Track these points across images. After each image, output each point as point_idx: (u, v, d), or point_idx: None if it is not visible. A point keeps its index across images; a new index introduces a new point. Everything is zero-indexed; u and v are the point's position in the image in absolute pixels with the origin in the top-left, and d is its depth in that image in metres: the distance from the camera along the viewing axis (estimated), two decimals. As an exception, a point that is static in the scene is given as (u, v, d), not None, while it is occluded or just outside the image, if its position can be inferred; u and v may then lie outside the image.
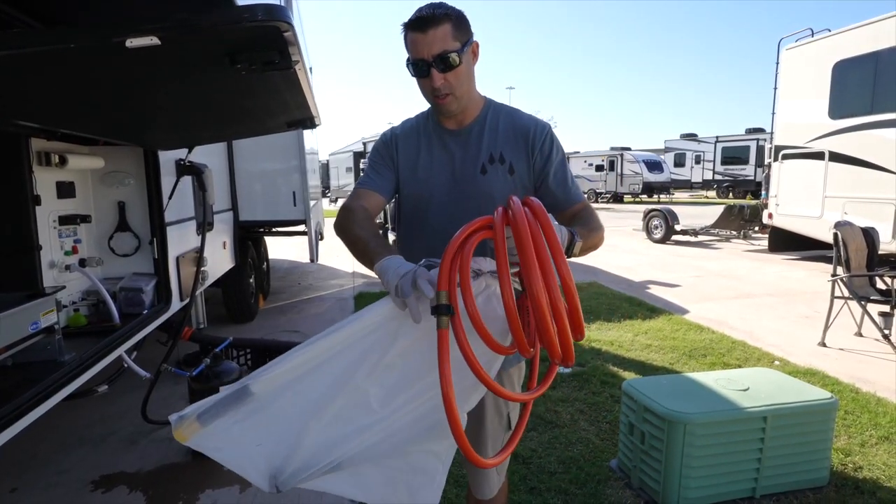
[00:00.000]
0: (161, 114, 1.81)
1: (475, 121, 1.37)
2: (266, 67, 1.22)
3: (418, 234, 1.41)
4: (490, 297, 1.04)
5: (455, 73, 1.24)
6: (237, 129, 2.74)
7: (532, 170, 1.36)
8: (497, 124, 1.37)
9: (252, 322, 5.22)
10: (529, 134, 1.36)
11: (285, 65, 1.22)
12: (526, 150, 1.36)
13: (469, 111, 1.36)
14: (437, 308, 0.94)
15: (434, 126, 1.40)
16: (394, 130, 1.47)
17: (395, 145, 1.43)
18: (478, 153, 1.35)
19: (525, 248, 0.88)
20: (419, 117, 1.46)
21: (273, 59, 1.17)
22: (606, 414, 3.01)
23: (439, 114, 1.35)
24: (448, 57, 1.21)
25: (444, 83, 1.24)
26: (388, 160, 1.42)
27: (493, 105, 1.40)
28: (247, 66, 1.19)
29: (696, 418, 2.08)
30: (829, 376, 3.51)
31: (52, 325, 1.92)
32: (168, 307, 2.74)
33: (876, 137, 6.57)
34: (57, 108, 1.52)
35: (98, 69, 1.15)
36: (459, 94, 1.28)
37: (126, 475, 2.52)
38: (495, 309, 1.02)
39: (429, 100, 1.31)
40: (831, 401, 2.25)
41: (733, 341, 4.31)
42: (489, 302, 1.03)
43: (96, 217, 2.66)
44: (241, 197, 4.81)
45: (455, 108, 1.31)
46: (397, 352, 1.02)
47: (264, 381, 1.00)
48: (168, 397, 3.35)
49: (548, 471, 2.45)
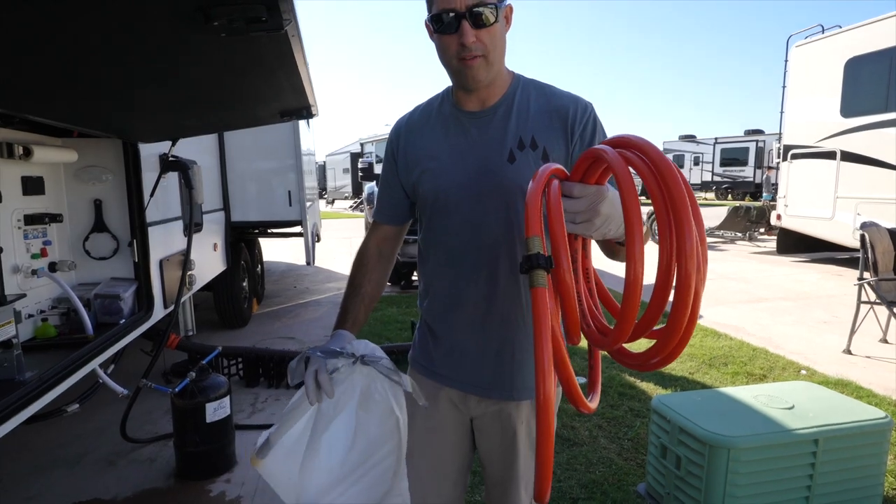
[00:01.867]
0: (134, 94, 1.56)
1: (501, 100, 1.13)
2: (251, 27, 0.99)
3: (439, 239, 1.18)
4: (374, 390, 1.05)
5: (489, 32, 1.01)
6: (225, 119, 2.49)
7: (571, 156, 1.12)
8: (528, 103, 1.13)
9: (245, 328, 4.97)
10: (569, 114, 1.11)
11: (275, 24, 0.98)
12: (564, 134, 1.11)
13: (495, 87, 1.13)
14: (530, 259, 0.78)
15: (451, 109, 1.17)
16: (398, 123, 1.25)
17: (399, 145, 1.22)
18: (504, 138, 1.11)
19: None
20: (432, 101, 1.23)
21: (258, 13, 0.94)
22: (627, 430, 2.78)
23: (462, 84, 1.10)
24: (483, 12, 0.99)
25: (475, 42, 1.01)
26: (393, 173, 1.24)
27: (522, 81, 1.16)
28: (226, 24, 0.95)
29: (741, 442, 1.85)
30: (863, 388, 3.29)
31: (10, 338, 1.67)
32: (150, 315, 2.49)
33: (890, 136, 6.38)
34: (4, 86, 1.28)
35: (38, 25, 0.91)
36: (492, 59, 1.04)
37: (101, 502, 2.28)
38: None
39: (452, 63, 1.06)
40: (886, 421, 2.02)
41: (754, 349, 4.08)
42: None
43: (69, 216, 2.41)
44: (233, 196, 4.55)
45: (483, 77, 1.06)
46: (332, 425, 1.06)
47: (274, 438, 1.07)
48: (152, 411, 3.10)
49: (570, 497, 2.22)
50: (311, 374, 0.99)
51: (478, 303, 1.13)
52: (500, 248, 1.10)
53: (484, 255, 1.12)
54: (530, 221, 0.80)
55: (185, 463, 2.46)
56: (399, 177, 1.23)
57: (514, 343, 1.13)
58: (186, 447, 2.43)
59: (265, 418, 3.03)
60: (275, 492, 1.09)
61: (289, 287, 7.04)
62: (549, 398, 0.75)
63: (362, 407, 1.04)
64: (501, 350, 1.13)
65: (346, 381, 1.03)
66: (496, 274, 1.11)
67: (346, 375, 1.03)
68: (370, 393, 1.04)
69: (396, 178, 1.23)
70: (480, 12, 0.99)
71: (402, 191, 1.23)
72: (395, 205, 1.26)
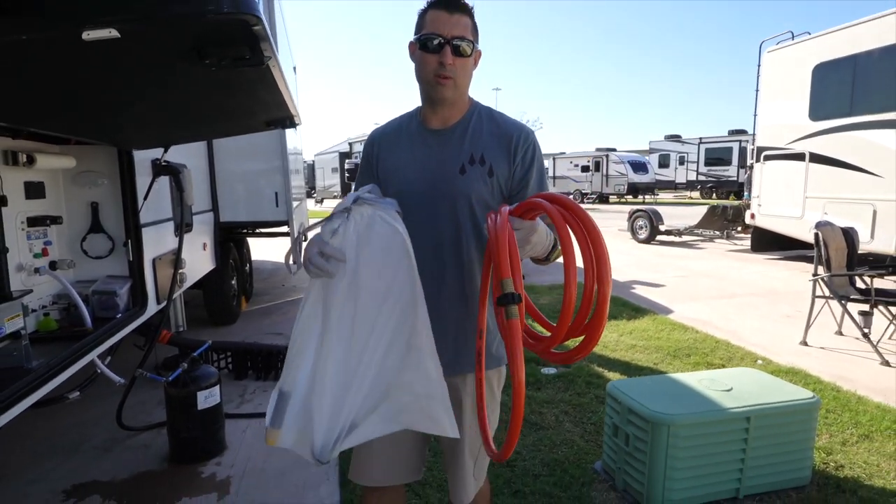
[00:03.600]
0: (132, 112, 1.75)
1: (460, 121, 1.36)
2: (236, 63, 1.18)
3: None
4: (373, 219, 1.12)
5: (463, 62, 1.27)
6: (214, 129, 2.68)
7: (512, 175, 1.35)
8: (481, 126, 1.37)
9: (234, 324, 5.13)
10: (513, 140, 1.35)
11: (257, 60, 1.17)
12: (508, 155, 1.35)
13: (456, 109, 1.36)
14: (505, 298, 0.99)
15: (417, 126, 1.39)
16: (374, 134, 1.47)
17: (375, 152, 1.44)
18: (458, 153, 1.34)
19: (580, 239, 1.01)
20: (404, 118, 1.45)
21: (243, 54, 1.13)
22: (591, 415, 2.99)
23: (431, 99, 1.33)
24: (461, 45, 1.24)
25: (451, 65, 1.25)
26: (369, 174, 1.45)
27: (479, 107, 1.40)
28: (216, 62, 1.14)
29: (679, 419, 2.07)
30: (811, 375, 3.54)
31: (19, 330, 1.85)
32: (143, 311, 2.67)
33: (855, 139, 6.68)
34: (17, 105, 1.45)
35: (56, 63, 1.10)
36: (459, 83, 1.29)
37: (100, 484, 2.45)
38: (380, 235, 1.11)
39: (428, 79, 1.29)
40: (813, 400, 2.26)
41: (717, 341, 4.33)
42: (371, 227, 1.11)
43: (68, 218, 2.58)
44: (222, 197, 4.72)
45: (451, 95, 1.30)
46: (334, 315, 1.11)
47: (286, 380, 1.14)
48: (146, 402, 3.27)
49: (532, 474, 2.43)
50: (313, 252, 1.09)
51: (431, 292, 1.33)
52: (450, 247, 1.32)
53: (437, 251, 1.32)
54: (502, 265, 1.01)
55: (178, 448, 2.64)
56: (374, 170, 1.43)
57: (458, 327, 1.34)
58: (179, 433, 2.61)
59: (253, 408, 3.21)
60: (297, 456, 1.12)
61: (276, 285, 7.20)
62: (522, 385, 1.01)
63: (364, 246, 1.08)
64: (449, 332, 1.34)
65: (347, 236, 1.08)
66: (444, 269, 1.32)
67: (345, 228, 1.08)
68: (371, 224, 1.10)
69: (373, 172, 1.44)
70: (460, 45, 1.24)
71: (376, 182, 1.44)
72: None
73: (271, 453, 2.66)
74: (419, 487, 2.29)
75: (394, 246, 1.10)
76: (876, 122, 6.42)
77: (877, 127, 6.41)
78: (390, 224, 1.10)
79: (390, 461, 1.40)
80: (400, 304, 1.11)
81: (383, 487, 1.43)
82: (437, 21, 1.24)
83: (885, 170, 6.29)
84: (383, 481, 1.42)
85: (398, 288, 1.11)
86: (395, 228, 1.10)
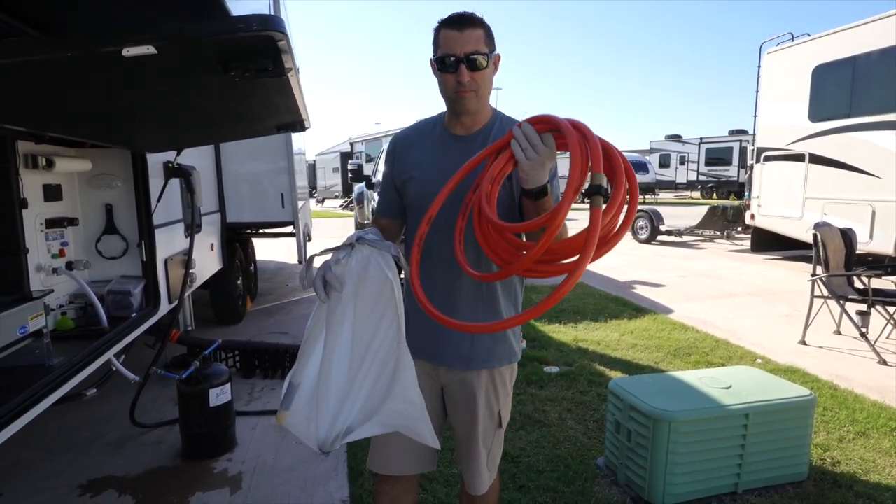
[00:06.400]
0: (151, 118, 1.81)
1: (482, 129, 1.43)
2: (259, 74, 1.24)
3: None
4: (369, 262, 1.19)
5: (481, 74, 1.32)
6: (227, 133, 2.74)
7: None
8: (502, 133, 1.42)
9: (240, 324, 5.19)
10: None
11: (278, 72, 1.24)
12: None
13: (479, 117, 1.42)
14: (596, 188, 1.01)
15: (441, 131, 1.46)
16: (396, 138, 1.54)
17: (396, 154, 1.51)
18: None
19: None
20: (427, 122, 1.52)
21: (266, 66, 1.19)
22: (593, 413, 3.06)
23: (455, 111, 1.40)
24: (478, 58, 1.29)
25: (470, 80, 1.30)
26: (390, 176, 1.52)
27: (500, 116, 1.47)
28: (240, 74, 1.21)
29: (680, 416, 2.13)
30: (809, 374, 3.60)
31: (41, 328, 1.91)
32: (157, 310, 2.73)
33: (854, 140, 6.73)
34: (47, 113, 1.52)
35: (92, 77, 1.16)
36: (480, 94, 1.35)
37: (114, 479, 2.51)
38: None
39: (450, 96, 1.35)
40: (810, 398, 2.32)
41: (717, 340, 4.39)
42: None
43: (83, 220, 2.64)
44: (228, 198, 4.78)
45: (473, 106, 1.36)
46: (336, 328, 1.19)
47: (296, 372, 1.22)
48: (156, 399, 3.33)
49: (536, 469, 2.49)
50: (318, 277, 1.17)
51: (448, 292, 1.40)
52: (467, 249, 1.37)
53: (448, 251, 1.38)
54: (595, 159, 1.06)
55: (190, 444, 2.70)
56: (393, 179, 1.51)
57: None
58: (191, 429, 2.67)
59: (262, 406, 3.27)
60: (300, 443, 1.23)
61: (281, 285, 7.26)
62: (579, 275, 1.01)
63: (361, 283, 1.15)
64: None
65: (348, 269, 1.16)
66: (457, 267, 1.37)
67: (347, 262, 1.16)
68: (367, 266, 1.16)
69: (391, 180, 1.52)
70: (475, 59, 1.29)
71: (395, 191, 1.52)
72: (388, 202, 1.54)
73: (281, 450, 2.72)
74: (426, 483, 2.35)
75: (384, 292, 1.18)
76: (875, 124, 6.48)
77: (876, 128, 6.47)
78: (383, 272, 1.17)
79: (406, 451, 1.46)
80: (387, 342, 1.19)
81: (396, 477, 1.49)
82: (450, 40, 1.29)
83: (883, 171, 6.35)
84: (398, 470, 1.48)
85: (385, 327, 1.19)
86: (386, 276, 1.17)
